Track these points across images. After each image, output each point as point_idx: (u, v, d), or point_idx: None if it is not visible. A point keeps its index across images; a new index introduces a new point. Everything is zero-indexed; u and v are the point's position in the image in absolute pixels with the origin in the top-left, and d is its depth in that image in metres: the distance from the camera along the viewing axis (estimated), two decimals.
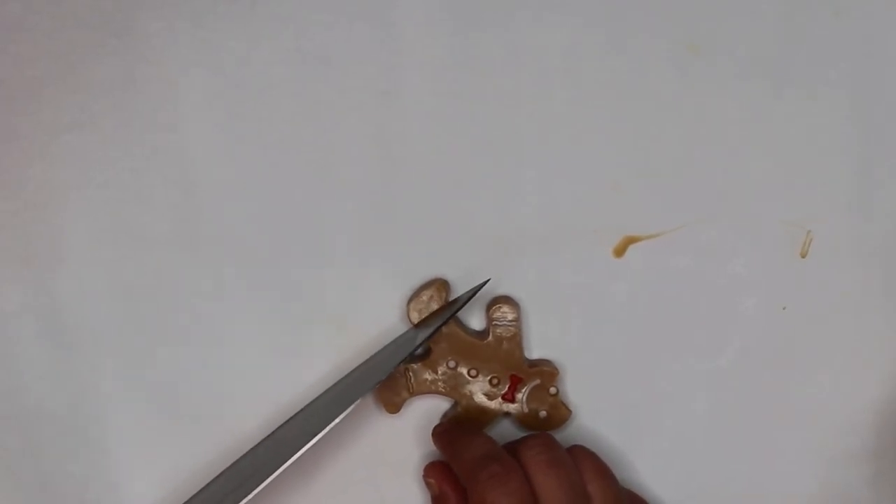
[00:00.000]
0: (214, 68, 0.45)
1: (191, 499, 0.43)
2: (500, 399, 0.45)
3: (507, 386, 0.45)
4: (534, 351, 0.46)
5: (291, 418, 0.44)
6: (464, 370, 0.45)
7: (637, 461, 0.46)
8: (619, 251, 0.46)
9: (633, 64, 0.46)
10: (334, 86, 0.45)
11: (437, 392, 0.45)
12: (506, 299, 0.45)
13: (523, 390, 0.45)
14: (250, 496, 0.39)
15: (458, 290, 0.46)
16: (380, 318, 0.46)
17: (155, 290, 0.45)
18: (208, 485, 0.43)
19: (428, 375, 0.45)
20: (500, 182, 0.46)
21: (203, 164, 0.45)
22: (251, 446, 0.45)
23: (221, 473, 0.44)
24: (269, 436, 0.44)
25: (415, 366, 0.45)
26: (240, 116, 0.45)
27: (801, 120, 0.47)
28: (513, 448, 0.41)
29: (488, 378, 0.45)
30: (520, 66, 0.46)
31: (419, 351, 0.45)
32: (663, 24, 0.46)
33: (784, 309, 0.47)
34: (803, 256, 0.47)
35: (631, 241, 0.46)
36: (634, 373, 0.46)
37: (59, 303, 0.44)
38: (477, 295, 0.44)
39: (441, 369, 0.45)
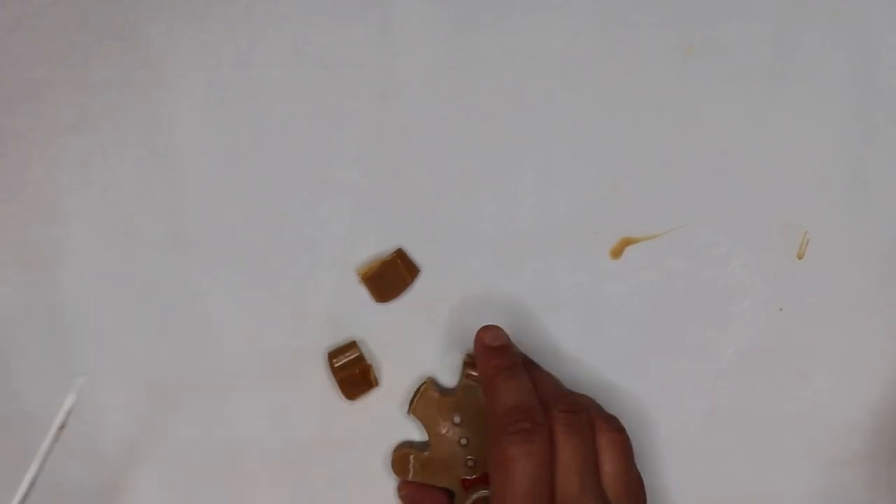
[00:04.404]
0: (213, 70, 0.45)
1: None
2: None
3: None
4: (531, 353, 0.46)
5: None
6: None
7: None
8: (617, 252, 0.46)
9: (630, 66, 0.46)
10: (332, 88, 0.45)
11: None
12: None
13: None
14: None
15: (460, 290, 0.46)
16: (376, 321, 0.46)
17: (153, 292, 0.45)
18: None
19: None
20: (498, 184, 0.46)
21: (201, 166, 0.45)
22: (249, 442, 0.45)
23: None
24: None
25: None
26: (238, 119, 0.45)
27: (798, 122, 0.47)
28: (545, 400, 0.41)
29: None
30: (517, 68, 0.46)
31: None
32: (660, 26, 0.46)
33: (781, 310, 0.47)
34: (800, 258, 0.47)
35: (628, 242, 0.46)
36: (632, 375, 0.47)
37: (58, 305, 0.45)
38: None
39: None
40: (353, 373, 0.45)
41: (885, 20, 0.47)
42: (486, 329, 0.43)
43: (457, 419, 0.45)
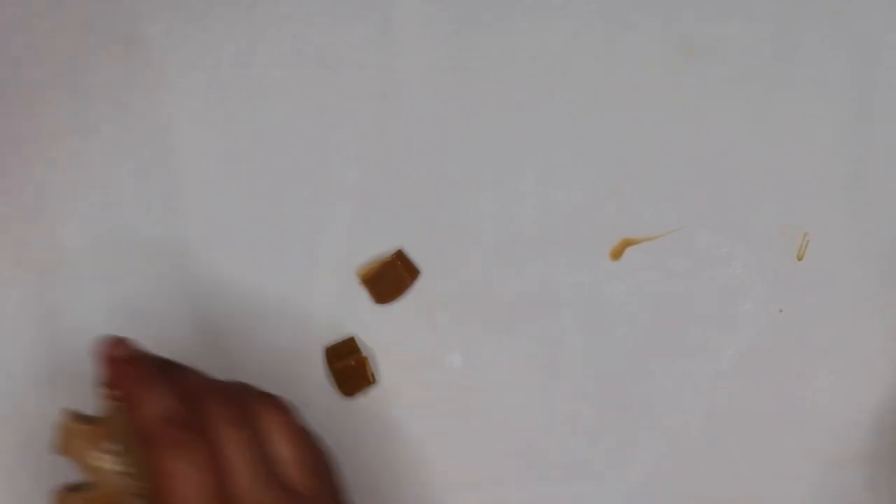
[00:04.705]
0: (213, 70, 0.45)
1: None
2: None
3: None
4: (531, 354, 0.46)
5: None
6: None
7: (635, 463, 0.46)
8: (617, 253, 0.46)
9: (630, 67, 0.46)
10: (333, 89, 0.45)
11: None
12: None
13: None
14: None
15: (460, 290, 0.46)
16: (377, 322, 0.46)
17: (153, 292, 0.45)
18: None
19: None
20: (498, 185, 0.46)
21: (201, 166, 0.45)
22: None
23: None
24: None
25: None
26: (238, 119, 0.45)
27: (798, 122, 0.47)
28: (196, 398, 0.36)
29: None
30: (517, 69, 0.46)
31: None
32: (660, 26, 0.46)
33: (781, 311, 0.47)
34: (800, 259, 0.47)
35: (629, 243, 0.46)
36: (632, 375, 0.46)
37: (57, 305, 0.45)
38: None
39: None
40: (349, 364, 0.45)
41: (885, 20, 0.47)
42: (107, 342, 0.38)
43: (113, 448, 0.38)
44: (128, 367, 0.37)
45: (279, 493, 0.35)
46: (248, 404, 0.37)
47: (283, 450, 0.36)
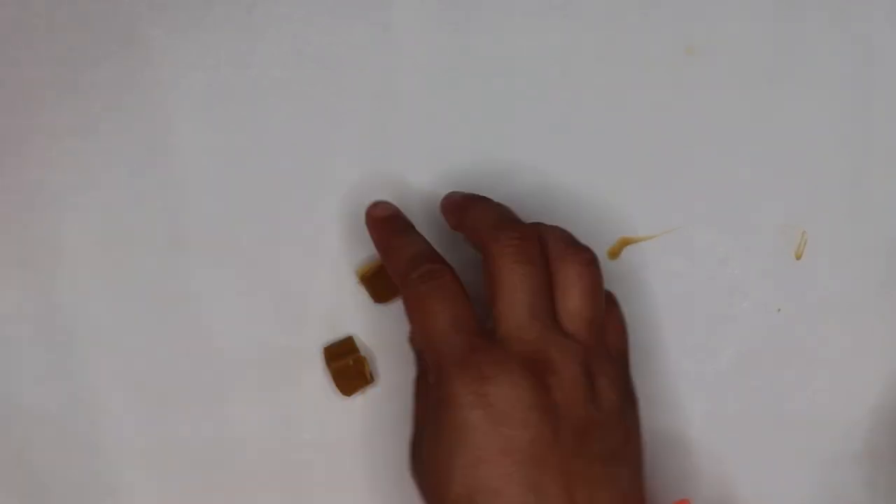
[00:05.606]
0: (212, 70, 0.45)
1: None
2: None
3: None
4: None
5: None
6: None
7: None
8: (615, 253, 0.46)
9: (630, 66, 0.46)
10: (332, 88, 0.45)
11: None
12: None
13: None
14: None
15: None
16: (375, 321, 0.46)
17: (152, 293, 0.45)
18: None
19: None
20: (496, 184, 0.46)
21: (200, 167, 0.45)
22: (247, 443, 0.45)
23: None
24: None
25: None
26: (237, 119, 0.45)
27: (797, 121, 0.47)
28: (487, 230, 0.39)
29: None
30: (516, 68, 0.46)
31: None
32: (660, 26, 0.46)
33: (779, 311, 0.47)
34: (798, 258, 0.47)
35: (627, 242, 0.46)
36: (632, 374, 0.46)
37: (56, 305, 0.45)
38: None
39: None
40: (347, 363, 0.45)
41: (885, 20, 0.47)
42: (373, 205, 0.44)
43: None
44: (387, 223, 0.42)
45: (550, 327, 0.36)
46: (544, 246, 0.38)
47: (571, 300, 0.37)
